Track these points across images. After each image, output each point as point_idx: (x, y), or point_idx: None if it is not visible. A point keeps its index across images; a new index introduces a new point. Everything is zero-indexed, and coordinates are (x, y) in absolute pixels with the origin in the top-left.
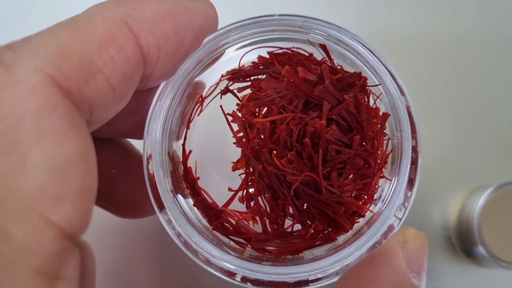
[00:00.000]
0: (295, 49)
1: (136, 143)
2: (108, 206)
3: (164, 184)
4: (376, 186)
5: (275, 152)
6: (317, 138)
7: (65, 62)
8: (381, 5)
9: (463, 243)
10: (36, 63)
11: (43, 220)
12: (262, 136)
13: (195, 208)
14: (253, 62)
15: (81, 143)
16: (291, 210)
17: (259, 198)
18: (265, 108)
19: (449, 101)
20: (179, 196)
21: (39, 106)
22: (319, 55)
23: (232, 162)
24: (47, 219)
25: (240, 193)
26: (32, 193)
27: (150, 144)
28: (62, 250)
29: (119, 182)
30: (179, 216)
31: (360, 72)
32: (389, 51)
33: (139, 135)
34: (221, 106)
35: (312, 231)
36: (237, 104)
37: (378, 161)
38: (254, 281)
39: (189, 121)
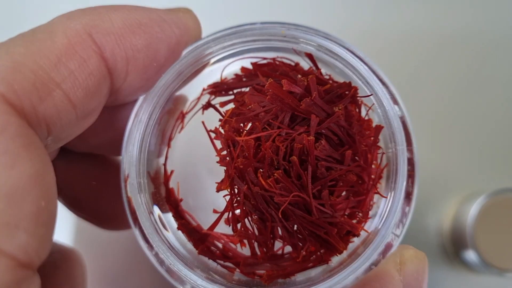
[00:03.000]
0: (279, 59)
1: None
2: (90, 218)
3: (142, 211)
4: (371, 203)
5: (261, 171)
6: (305, 155)
7: (17, 79)
8: (369, 5)
9: (456, 250)
10: None
11: None
12: (246, 155)
13: (179, 231)
14: (236, 74)
15: (35, 164)
16: (280, 232)
17: (246, 220)
18: (250, 124)
19: (441, 109)
20: (161, 217)
21: None
22: (306, 64)
23: (216, 182)
24: None
25: (226, 215)
26: None
27: (127, 166)
28: (17, 281)
29: (100, 194)
30: (159, 245)
31: (350, 82)
32: (377, 54)
33: (115, 152)
34: (203, 123)
35: (304, 253)
36: (220, 120)
37: (372, 176)
38: None
39: (170, 139)
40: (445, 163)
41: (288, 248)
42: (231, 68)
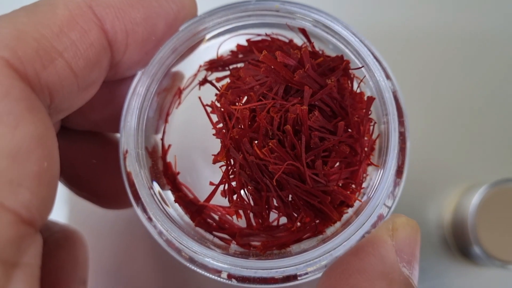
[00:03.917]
0: (274, 36)
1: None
2: (90, 196)
3: (141, 181)
4: (364, 174)
5: (256, 141)
6: (299, 125)
7: (21, 46)
8: (372, 1)
9: (457, 242)
10: None
11: None
12: (241, 126)
13: (176, 204)
14: (231, 51)
15: (38, 127)
16: (275, 203)
17: (242, 191)
18: (245, 97)
19: (443, 100)
20: (160, 192)
21: None
22: (300, 40)
23: (213, 155)
24: (2, 205)
25: (222, 187)
26: None
27: (126, 139)
28: (20, 236)
29: (101, 172)
30: (158, 213)
31: (342, 55)
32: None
33: (115, 128)
34: (199, 98)
35: (299, 223)
36: (216, 94)
37: (365, 148)
38: (240, 278)
39: (168, 115)
40: (446, 154)
41: (284, 220)
42: (227, 45)
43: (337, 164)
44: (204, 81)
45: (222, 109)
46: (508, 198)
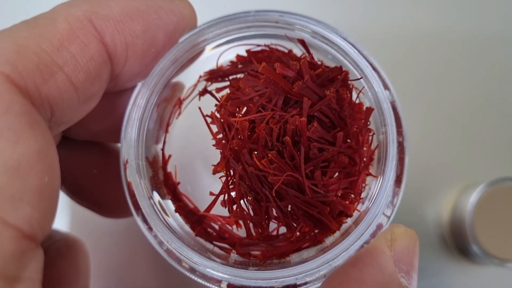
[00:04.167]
0: (273, 46)
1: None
2: (91, 206)
3: (142, 192)
4: (363, 184)
5: (255, 152)
6: (298, 136)
7: (21, 60)
8: (366, 3)
9: (456, 240)
10: None
11: (0, 221)
12: (241, 136)
13: (177, 214)
14: (231, 62)
15: (39, 141)
16: (275, 213)
17: (242, 201)
18: (245, 108)
19: (439, 100)
20: (160, 202)
21: None
22: (299, 51)
23: (213, 165)
24: (3, 221)
25: (222, 197)
26: None
27: (126, 150)
28: (21, 251)
29: (101, 181)
30: (158, 224)
31: (341, 66)
32: (376, 50)
33: (115, 139)
34: (199, 108)
35: (298, 233)
36: (216, 105)
37: (364, 158)
38: None
39: (168, 125)
40: (443, 153)
41: (283, 230)
42: (226, 56)
43: (336, 174)
44: (204, 92)
45: (222, 120)
46: (505, 196)
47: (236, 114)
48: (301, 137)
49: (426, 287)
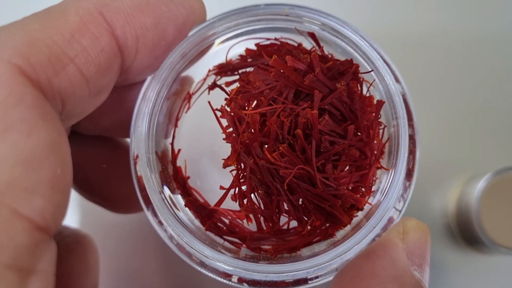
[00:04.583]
0: (283, 39)
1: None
2: (100, 201)
3: (152, 186)
4: (374, 178)
5: (266, 146)
6: (309, 129)
7: (33, 53)
8: (366, 4)
9: (462, 230)
10: (2, 54)
11: (13, 213)
12: (252, 130)
13: (186, 208)
14: (240, 55)
15: (51, 133)
16: (286, 206)
17: (252, 195)
18: (255, 102)
19: (447, 95)
20: (170, 196)
21: (5, 97)
22: (309, 45)
23: (223, 159)
24: (17, 212)
25: (232, 191)
26: (0, 187)
27: (136, 144)
28: (35, 243)
29: (111, 176)
30: (169, 217)
31: (351, 59)
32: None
33: (125, 133)
34: (209, 102)
35: (309, 227)
36: (226, 99)
37: (375, 151)
38: (251, 282)
39: (177, 119)
40: (450, 144)
41: (294, 224)
42: (235, 50)
43: (347, 167)
44: (214, 86)
45: (232, 114)
46: (511, 186)
47: (247, 108)
48: (312, 130)
49: (433, 277)
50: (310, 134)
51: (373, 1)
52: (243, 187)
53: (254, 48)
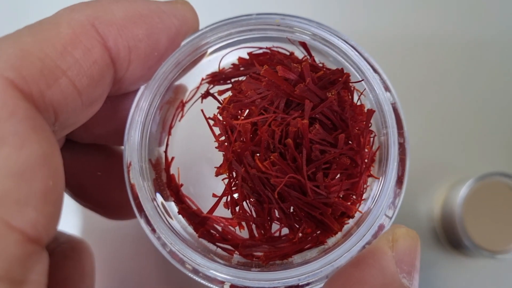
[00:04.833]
0: (275, 49)
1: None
2: (96, 207)
3: (145, 194)
4: (365, 186)
5: (257, 154)
6: (300, 138)
7: (26, 66)
8: (366, 7)
9: (447, 234)
10: None
11: (5, 225)
12: (243, 139)
13: (180, 216)
14: (233, 64)
15: (43, 146)
16: (277, 214)
17: (244, 203)
18: (247, 111)
19: (431, 96)
20: (163, 204)
21: None
22: (301, 53)
23: (215, 168)
24: (9, 225)
25: (225, 199)
26: None
27: (130, 153)
28: (27, 255)
29: (106, 184)
30: (161, 225)
31: (342, 69)
32: (375, 52)
33: (119, 141)
34: (202, 110)
35: (300, 234)
36: (218, 108)
37: (366, 160)
38: None
39: (171, 127)
40: (436, 149)
41: (285, 231)
42: (228, 58)
43: (338, 176)
44: (206, 94)
45: (224, 123)
46: (493, 190)
47: (238, 117)
48: (303, 139)
49: (419, 279)
50: (301, 143)
51: (372, 3)
52: (235, 195)
53: (247, 57)
